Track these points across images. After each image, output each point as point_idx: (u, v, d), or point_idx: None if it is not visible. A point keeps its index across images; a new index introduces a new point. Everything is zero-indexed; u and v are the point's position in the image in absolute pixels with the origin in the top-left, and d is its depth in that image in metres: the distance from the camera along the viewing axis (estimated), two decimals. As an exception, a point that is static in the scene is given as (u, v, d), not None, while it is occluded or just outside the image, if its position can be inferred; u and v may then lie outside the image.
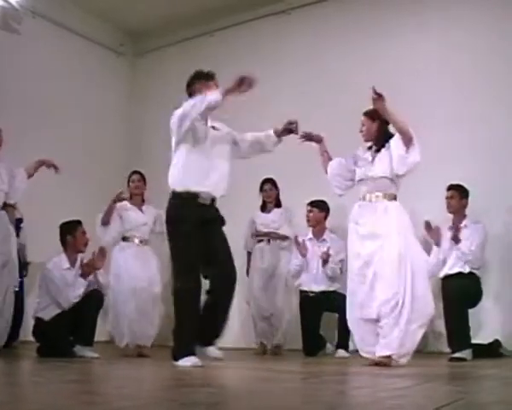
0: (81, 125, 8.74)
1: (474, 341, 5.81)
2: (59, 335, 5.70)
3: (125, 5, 9.06)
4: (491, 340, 6.17)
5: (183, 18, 9.04)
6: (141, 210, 6.51)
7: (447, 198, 6.22)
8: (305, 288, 6.80)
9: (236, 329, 7.56)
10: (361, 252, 5.07)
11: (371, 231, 5.03)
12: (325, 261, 6.67)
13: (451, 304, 5.75)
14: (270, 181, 7.08)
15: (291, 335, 6.97)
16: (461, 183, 6.17)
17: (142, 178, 6.61)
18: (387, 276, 4.89)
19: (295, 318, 6.89)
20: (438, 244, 6.09)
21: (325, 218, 6.98)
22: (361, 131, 5.32)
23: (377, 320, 4.95)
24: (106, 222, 6.30)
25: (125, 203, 6.46)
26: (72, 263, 5.95)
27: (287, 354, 6.78)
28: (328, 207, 6.92)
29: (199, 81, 5.01)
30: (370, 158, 5.23)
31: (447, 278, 6.03)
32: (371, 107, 5.06)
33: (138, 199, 6.58)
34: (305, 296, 6.78)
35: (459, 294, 5.79)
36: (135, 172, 6.66)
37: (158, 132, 8.39)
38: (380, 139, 5.24)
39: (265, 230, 6.99)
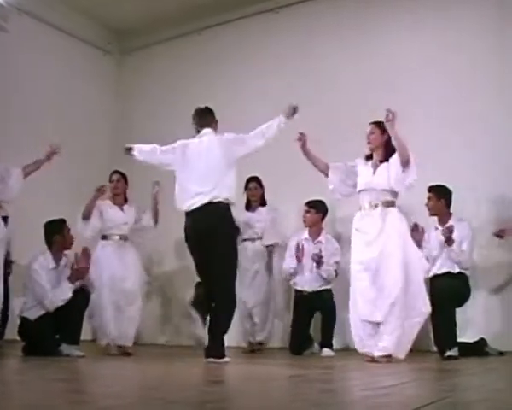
0: (67, 124, 8.70)
1: (459, 339, 5.83)
2: (45, 334, 5.68)
3: (112, 3, 9.03)
4: (476, 339, 6.19)
5: (171, 16, 9.02)
6: (122, 209, 6.50)
7: (427, 201, 6.23)
8: (298, 287, 6.80)
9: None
10: (363, 258, 5.40)
11: (373, 237, 5.37)
12: (318, 263, 6.68)
13: (442, 304, 5.77)
14: (255, 179, 7.06)
15: (276, 333, 7.00)
16: (441, 183, 6.16)
17: (123, 177, 6.58)
18: (390, 279, 5.24)
19: (280, 316, 6.91)
20: (419, 245, 6.07)
21: (322, 219, 6.93)
22: (368, 139, 5.53)
23: (379, 322, 5.25)
24: (86, 216, 6.27)
25: (107, 202, 6.46)
26: (57, 262, 5.93)
27: (272, 353, 6.79)
28: (326, 208, 6.89)
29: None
30: (372, 170, 5.52)
31: (436, 277, 6.05)
32: (374, 119, 5.41)
33: (120, 198, 6.56)
34: (299, 295, 6.79)
35: (450, 293, 5.82)
36: (115, 171, 6.62)
37: (144, 131, 8.41)
38: (387, 152, 5.48)
39: (250, 229, 6.99)
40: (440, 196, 6.19)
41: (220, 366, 4.65)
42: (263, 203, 7.11)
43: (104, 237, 6.40)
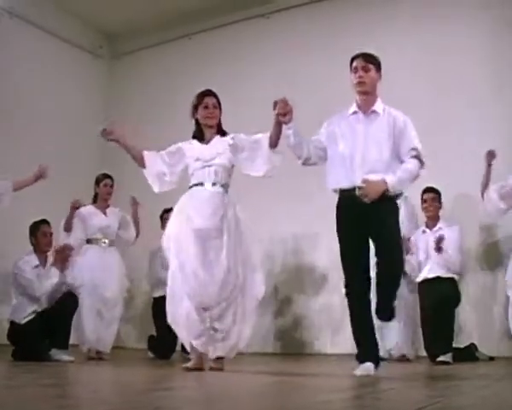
0: (57, 127, 8.67)
1: (450, 344, 5.86)
2: (34, 338, 5.65)
3: (103, 7, 9.02)
4: (467, 344, 6.20)
5: (161, 20, 9.02)
6: (104, 213, 6.50)
7: (426, 201, 6.22)
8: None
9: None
10: None
11: None
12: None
13: (441, 309, 5.80)
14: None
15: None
16: (435, 186, 6.20)
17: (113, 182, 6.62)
18: None
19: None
20: (407, 252, 6.06)
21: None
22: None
23: None
24: (67, 229, 6.29)
25: (89, 207, 6.44)
26: (43, 263, 5.93)
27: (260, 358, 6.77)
28: None
29: None
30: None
31: (425, 282, 6.06)
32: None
33: (104, 203, 6.57)
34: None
35: (441, 298, 5.84)
36: (108, 176, 6.62)
37: (135, 134, 8.36)
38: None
39: None
40: (440, 200, 6.21)
41: (208, 372, 4.63)
42: None
43: (88, 241, 6.41)
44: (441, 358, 5.65)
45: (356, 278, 4.31)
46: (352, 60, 4.53)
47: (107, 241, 6.43)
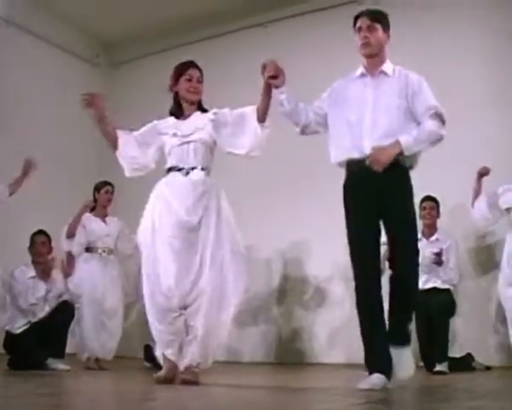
0: (54, 136, 8.66)
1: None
2: (30, 347, 5.64)
3: (100, 16, 9.03)
4: (463, 353, 6.20)
5: (159, 29, 9.03)
6: (104, 222, 6.49)
7: (425, 208, 6.19)
8: None
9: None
10: None
11: None
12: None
13: (437, 318, 5.81)
14: None
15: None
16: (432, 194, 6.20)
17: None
18: None
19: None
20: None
21: None
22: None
23: None
24: (71, 234, 6.25)
25: (88, 214, 6.43)
26: (39, 273, 5.93)
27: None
28: None
29: None
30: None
31: (421, 292, 6.05)
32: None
33: (103, 210, 6.54)
34: None
35: (437, 308, 5.85)
36: (109, 183, 6.60)
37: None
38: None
39: None
40: (438, 209, 6.21)
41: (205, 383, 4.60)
42: None
43: (87, 250, 6.37)
44: (438, 367, 5.66)
45: (365, 268, 3.85)
46: (356, 19, 4.06)
47: (106, 250, 6.41)
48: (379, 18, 4.01)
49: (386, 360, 3.77)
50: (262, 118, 4.22)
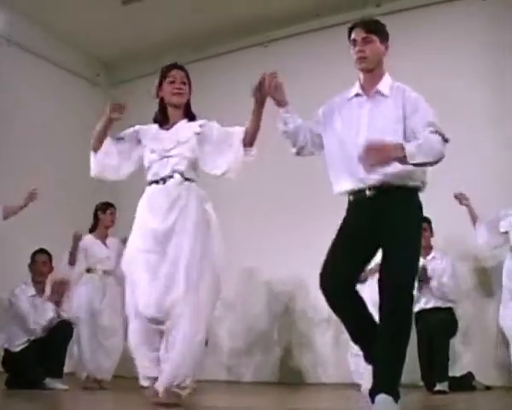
0: (53, 155, 8.65)
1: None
2: (28, 366, 5.62)
3: (100, 35, 9.06)
4: (463, 373, 6.18)
5: (159, 49, 9.04)
6: (105, 244, 6.47)
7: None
8: None
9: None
10: None
11: None
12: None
13: (436, 337, 5.80)
14: None
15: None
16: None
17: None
18: None
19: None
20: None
21: None
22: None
23: None
24: (72, 262, 6.25)
25: (89, 236, 6.42)
26: (39, 292, 5.93)
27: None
28: None
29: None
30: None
31: (422, 312, 6.05)
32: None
33: (105, 231, 6.54)
34: None
35: (443, 327, 5.85)
36: (112, 204, 6.60)
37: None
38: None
39: None
40: (431, 227, 6.20)
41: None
42: None
43: (87, 271, 6.36)
44: (438, 387, 5.64)
45: (335, 276, 3.49)
46: (351, 30, 3.76)
47: (105, 271, 6.39)
48: (375, 29, 3.69)
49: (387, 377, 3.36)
50: (250, 141, 3.99)
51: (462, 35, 7.34)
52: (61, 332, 5.81)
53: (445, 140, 3.44)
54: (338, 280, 3.51)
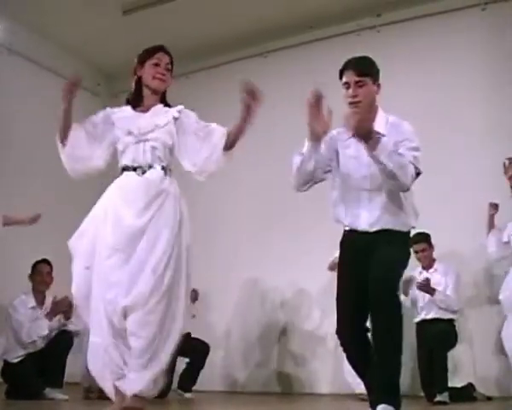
0: (53, 165, 8.59)
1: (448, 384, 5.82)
2: (28, 377, 5.61)
3: (101, 44, 9.09)
4: (464, 383, 6.16)
5: (158, 59, 9.08)
6: None
7: (417, 252, 6.10)
8: None
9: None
10: None
11: None
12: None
13: (435, 348, 5.79)
14: None
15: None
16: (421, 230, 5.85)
17: None
18: None
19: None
20: (405, 294, 6.05)
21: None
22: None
23: None
24: None
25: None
26: (39, 302, 5.92)
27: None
28: None
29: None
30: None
31: (423, 322, 6.05)
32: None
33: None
34: None
35: (442, 338, 5.84)
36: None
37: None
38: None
39: None
40: (431, 244, 6.19)
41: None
42: None
43: None
44: (438, 398, 5.63)
45: (348, 325, 3.51)
46: (342, 72, 3.80)
47: None
48: (367, 71, 3.71)
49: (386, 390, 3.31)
50: (231, 144, 3.85)
51: (462, 45, 7.35)
52: (60, 342, 5.79)
53: (417, 174, 3.47)
54: (355, 333, 3.52)
